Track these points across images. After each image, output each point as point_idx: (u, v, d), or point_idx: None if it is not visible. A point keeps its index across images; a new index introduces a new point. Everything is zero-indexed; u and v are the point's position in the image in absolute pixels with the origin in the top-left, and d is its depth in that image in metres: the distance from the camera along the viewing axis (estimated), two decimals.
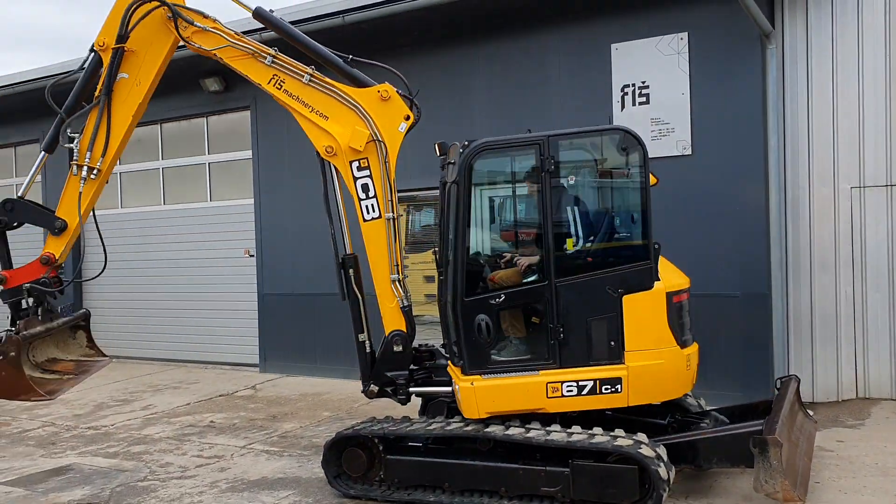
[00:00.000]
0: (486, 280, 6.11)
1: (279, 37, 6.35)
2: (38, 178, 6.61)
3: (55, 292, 6.05)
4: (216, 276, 11.98)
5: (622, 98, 8.51)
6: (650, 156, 7.83)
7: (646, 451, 5.10)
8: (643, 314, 5.51)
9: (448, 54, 9.75)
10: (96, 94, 5.99)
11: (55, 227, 6.07)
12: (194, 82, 11.33)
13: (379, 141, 5.83)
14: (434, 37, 9.73)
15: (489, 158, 5.92)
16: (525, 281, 5.88)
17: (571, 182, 5.89)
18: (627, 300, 5.49)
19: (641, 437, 5.28)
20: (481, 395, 5.64)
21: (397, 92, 5.91)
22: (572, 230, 5.87)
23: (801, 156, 8.17)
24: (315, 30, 9.39)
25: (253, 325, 11.52)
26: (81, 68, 6.06)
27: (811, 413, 6.58)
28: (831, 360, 8.15)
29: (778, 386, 6.32)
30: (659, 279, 5.56)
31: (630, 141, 5.65)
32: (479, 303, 5.73)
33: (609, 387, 5.47)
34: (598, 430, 5.37)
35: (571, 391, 5.51)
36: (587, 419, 5.57)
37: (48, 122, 14.49)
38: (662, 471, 5.06)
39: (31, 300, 6.04)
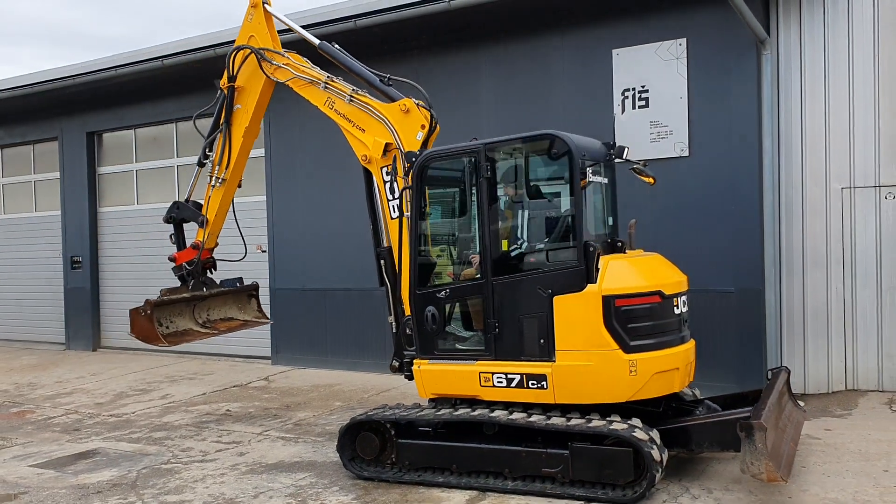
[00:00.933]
0: (444, 275, 6.57)
1: (298, 39, 7.58)
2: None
3: (197, 270, 8.01)
4: (229, 270, 12.31)
5: (623, 101, 8.86)
6: (649, 157, 8.29)
7: (640, 434, 5.44)
8: (574, 315, 5.66)
9: (456, 57, 10.11)
10: (220, 122, 7.73)
11: (199, 221, 7.96)
12: (209, 83, 11.67)
13: (400, 149, 6.45)
14: (442, 40, 10.10)
15: (438, 165, 6.36)
16: (467, 278, 6.31)
17: (519, 189, 6.30)
18: (558, 301, 5.71)
19: (636, 421, 5.61)
20: (426, 377, 6.24)
21: (416, 104, 6.48)
22: (509, 232, 6.26)
23: (795, 157, 8.52)
24: (328, 33, 9.75)
25: None
26: (214, 104, 7.83)
27: (801, 403, 6.92)
28: (822, 353, 8.51)
29: (769, 377, 6.62)
30: (595, 281, 5.63)
31: (560, 145, 5.88)
32: (429, 295, 6.24)
33: (535, 382, 5.79)
34: (595, 415, 5.71)
35: (501, 382, 5.92)
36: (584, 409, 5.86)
37: (66, 120, 14.93)
38: (655, 453, 5.39)
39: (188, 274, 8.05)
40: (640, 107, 8.78)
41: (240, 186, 7.99)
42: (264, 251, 11.91)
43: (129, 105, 13.16)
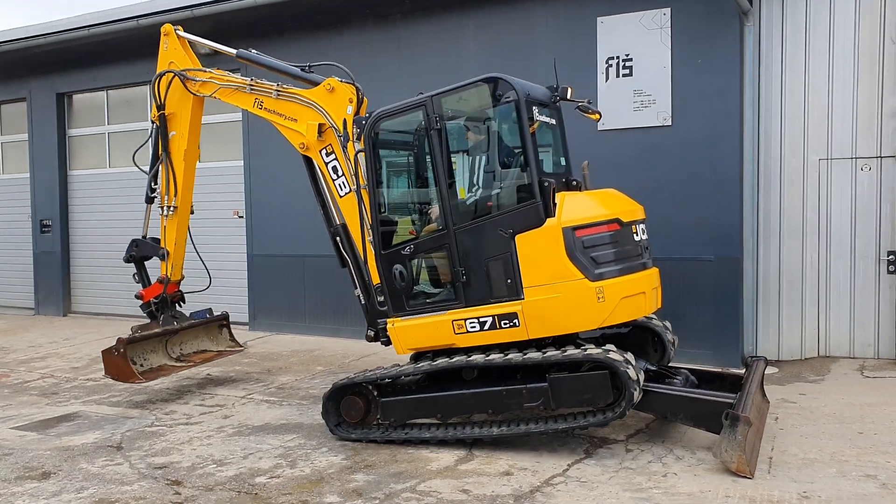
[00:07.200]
0: (407, 232, 6.58)
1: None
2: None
3: (167, 303, 8.17)
4: (206, 236, 12.18)
5: (607, 70, 8.89)
6: (632, 126, 8.32)
7: (615, 356, 5.52)
8: (536, 251, 5.73)
9: (440, 22, 10.02)
10: (159, 152, 7.88)
11: (160, 255, 8.11)
12: None
13: (333, 126, 6.50)
14: (426, 4, 9.99)
15: (388, 123, 6.35)
16: (430, 230, 6.35)
17: (465, 137, 6.36)
18: (520, 239, 5.77)
19: (610, 346, 5.69)
20: (401, 334, 6.28)
21: (340, 81, 6.57)
22: (464, 180, 6.30)
23: (774, 128, 8.66)
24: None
25: (242, 285, 11.83)
26: (150, 138, 8.11)
27: (766, 394, 7.01)
28: (796, 320, 8.72)
29: (748, 363, 6.66)
30: (553, 215, 5.69)
31: (504, 86, 5.92)
32: (394, 254, 6.28)
33: (507, 321, 5.85)
34: (569, 346, 5.79)
35: (475, 327, 5.97)
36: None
37: (35, 81, 14.57)
38: (632, 372, 5.48)
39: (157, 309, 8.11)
40: (623, 75, 8.81)
41: (192, 213, 8.13)
42: (241, 216, 11.82)
43: (101, 66, 12.87)
